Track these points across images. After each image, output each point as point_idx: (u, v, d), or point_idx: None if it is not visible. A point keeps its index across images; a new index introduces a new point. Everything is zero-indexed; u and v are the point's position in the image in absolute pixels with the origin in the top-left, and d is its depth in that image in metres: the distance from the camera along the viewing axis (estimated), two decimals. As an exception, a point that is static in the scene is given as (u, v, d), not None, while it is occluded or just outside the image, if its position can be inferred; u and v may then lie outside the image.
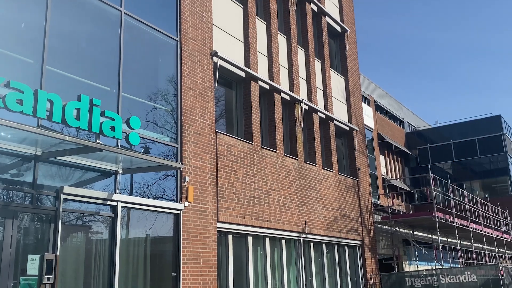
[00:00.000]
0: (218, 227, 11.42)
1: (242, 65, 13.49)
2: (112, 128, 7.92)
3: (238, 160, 12.55)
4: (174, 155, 10.60)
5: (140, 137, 8.79)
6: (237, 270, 12.11)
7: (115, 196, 8.95)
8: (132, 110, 9.63)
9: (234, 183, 12.21)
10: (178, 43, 11.31)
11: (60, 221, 7.97)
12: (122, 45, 9.84)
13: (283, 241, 13.93)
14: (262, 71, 14.43)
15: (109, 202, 8.86)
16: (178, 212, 10.33)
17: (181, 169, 10.45)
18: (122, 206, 9.08)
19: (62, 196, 8.07)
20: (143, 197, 9.72)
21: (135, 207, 9.42)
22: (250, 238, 12.64)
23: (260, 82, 14.20)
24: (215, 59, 12.39)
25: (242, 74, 13.65)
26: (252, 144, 13.23)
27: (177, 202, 10.37)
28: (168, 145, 10.52)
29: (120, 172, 9.20)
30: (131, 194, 9.45)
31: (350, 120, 18.92)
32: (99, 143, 7.63)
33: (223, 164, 12.01)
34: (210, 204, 11.26)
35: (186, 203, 10.51)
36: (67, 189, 8.14)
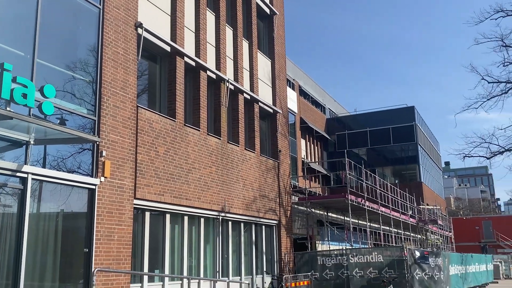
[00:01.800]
0: (135, 204, 11.21)
1: (168, 39, 13.17)
2: (24, 96, 7.49)
3: (160, 137, 12.34)
4: (92, 128, 10.21)
5: (55, 107, 8.37)
6: (153, 247, 12.00)
7: (26, 168, 8.49)
8: (48, 78, 9.10)
9: (154, 160, 12.00)
10: (101, 11, 10.80)
11: (-38, 192, 7.45)
12: (40, 9, 9.22)
13: (202, 220, 13.97)
14: (188, 47, 14.18)
15: (18, 174, 8.39)
16: (93, 187, 10.00)
17: (98, 142, 10.10)
18: (33, 179, 8.64)
19: (-35, 166, 7.53)
20: (57, 170, 9.30)
21: (48, 180, 9.00)
22: (168, 216, 12.54)
23: (186, 58, 13.95)
24: (140, 30, 11.99)
25: (168, 48, 13.34)
26: (175, 121, 13.03)
27: (92, 177, 10.02)
28: (86, 117, 10.10)
29: (32, 142, 8.72)
30: (43, 167, 9.00)
31: (274, 103, 19.18)
32: (9, 111, 7.20)
33: (144, 140, 11.75)
34: (128, 180, 11.01)
35: (102, 178, 10.20)
36: (-29, 159, 7.61)
